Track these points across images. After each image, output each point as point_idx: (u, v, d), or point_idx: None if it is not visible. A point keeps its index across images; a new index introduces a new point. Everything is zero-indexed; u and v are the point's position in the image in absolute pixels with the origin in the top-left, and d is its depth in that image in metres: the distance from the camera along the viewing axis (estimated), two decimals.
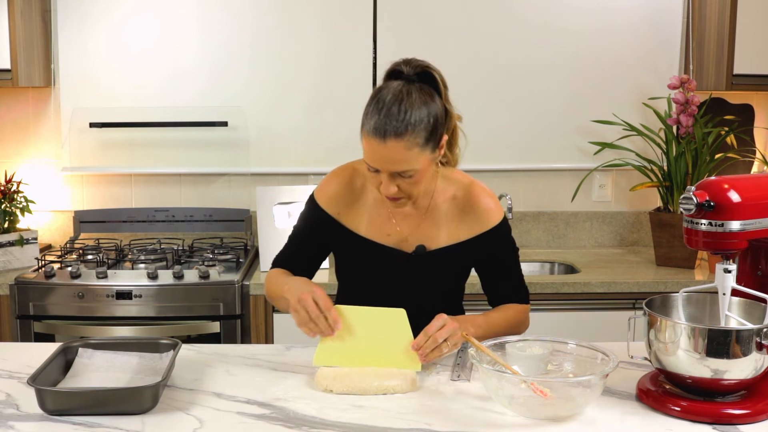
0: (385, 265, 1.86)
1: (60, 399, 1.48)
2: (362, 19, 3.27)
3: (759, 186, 1.52)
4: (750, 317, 1.57)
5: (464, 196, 1.87)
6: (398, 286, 1.87)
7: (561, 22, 3.33)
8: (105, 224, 3.29)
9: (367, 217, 1.87)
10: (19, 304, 2.78)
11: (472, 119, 3.33)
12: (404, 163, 1.67)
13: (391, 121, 1.64)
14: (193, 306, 2.78)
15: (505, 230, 1.88)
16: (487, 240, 1.86)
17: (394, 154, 1.65)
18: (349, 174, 1.90)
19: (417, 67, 1.73)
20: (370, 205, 1.88)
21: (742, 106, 3.36)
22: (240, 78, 3.30)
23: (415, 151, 1.66)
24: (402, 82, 1.70)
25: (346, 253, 1.91)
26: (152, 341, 1.75)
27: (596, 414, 1.50)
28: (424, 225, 1.86)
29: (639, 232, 3.48)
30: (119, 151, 3.32)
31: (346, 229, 1.88)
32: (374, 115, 1.66)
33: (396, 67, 1.74)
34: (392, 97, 1.66)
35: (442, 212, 1.86)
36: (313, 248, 1.92)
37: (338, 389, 1.59)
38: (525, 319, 1.93)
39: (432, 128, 1.68)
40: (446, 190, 1.88)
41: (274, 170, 3.33)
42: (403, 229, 1.86)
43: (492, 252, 1.88)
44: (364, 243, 1.86)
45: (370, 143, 1.67)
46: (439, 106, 1.72)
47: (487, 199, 1.87)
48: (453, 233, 1.86)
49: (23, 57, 3.05)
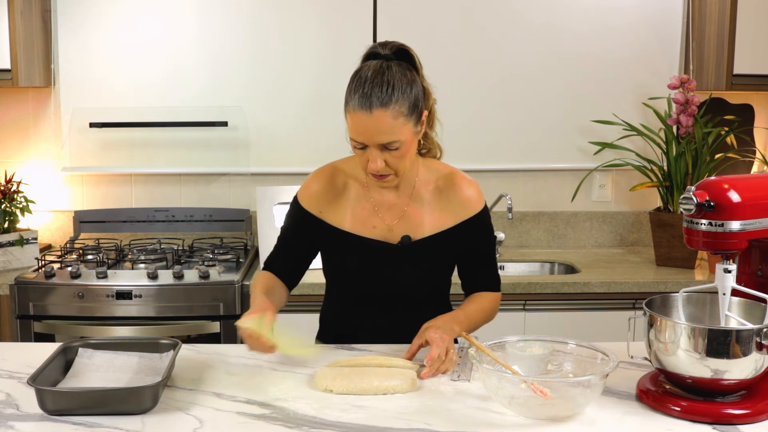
0: (372, 257, 1.87)
1: (60, 399, 1.48)
2: (362, 19, 3.27)
3: (759, 186, 1.51)
4: (750, 317, 1.57)
5: (446, 184, 1.89)
6: (385, 277, 1.88)
7: (561, 22, 3.34)
8: (105, 224, 3.29)
9: (351, 212, 1.89)
10: (19, 304, 2.78)
11: (472, 119, 3.39)
12: (391, 133, 1.69)
13: (375, 92, 1.68)
14: (193, 306, 2.78)
15: (486, 218, 1.91)
16: (470, 227, 1.88)
17: (381, 124, 1.68)
18: (329, 172, 1.92)
19: (393, 47, 1.77)
20: (352, 200, 1.90)
21: (742, 106, 3.36)
22: (240, 78, 3.30)
23: (401, 120, 1.70)
24: (380, 60, 1.74)
25: (332, 249, 1.92)
26: (152, 341, 1.75)
27: (596, 414, 1.50)
28: (408, 215, 1.88)
29: (639, 232, 3.48)
30: (119, 151, 3.32)
31: (330, 226, 1.89)
32: (358, 90, 1.69)
33: (373, 49, 1.78)
34: (373, 72, 1.70)
35: (425, 201, 1.88)
36: (299, 248, 1.94)
37: (338, 389, 1.59)
38: (497, 308, 1.97)
39: (414, 99, 1.72)
40: (428, 179, 1.90)
41: (274, 170, 3.33)
42: (387, 219, 1.88)
43: (473, 239, 1.90)
44: (350, 238, 1.88)
45: (356, 117, 1.69)
46: (419, 81, 1.76)
47: (469, 187, 1.89)
48: (437, 222, 1.87)
49: (23, 57, 3.05)
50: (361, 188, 1.89)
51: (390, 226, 1.87)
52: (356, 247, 1.87)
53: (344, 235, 1.88)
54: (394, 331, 1.88)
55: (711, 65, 3.24)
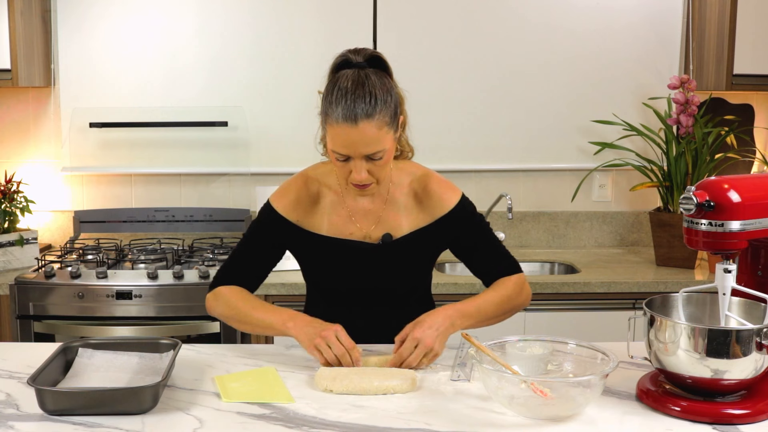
0: (354, 258, 1.87)
1: (60, 399, 1.48)
2: (362, 19, 3.27)
3: (759, 186, 1.51)
4: (750, 317, 1.57)
5: (420, 186, 1.89)
6: (367, 277, 1.88)
7: (561, 22, 3.34)
8: (105, 224, 3.29)
9: (327, 220, 1.88)
10: (19, 304, 2.78)
11: (472, 119, 3.39)
12: (376, 144, 1.69)
13: (359, 103, 1.66)
14: (193, 306, 2.78)
15: (466, 210, 1.89)
16: (448, 223, 1.87)
17: (366, 135, 1.68)
18: (302, 181, 1.91)
19: (366, 55, 1.76)
20: (327, 208, 1.89)
21: (742, 106, 3.36)
22: (240, 78, 3.30)
23: (384, 130, 1.70)
24: (355, 69, 1.73)
25: (311, 255, 1.91)
26: (152, 341, 1.75)
27: (596, 414, 1.50)
28: (384, 219, 1.88)
29: (639, 232, 3.48)
30: (119, 151, 3.32)
31: (308, 233, 1.88)
32: (340, 102, 1.68)
33: (344, 58, 1.77)
34: (353, 83, 1.69)
35: (401, 204, 1.88)
36: (266, 253, 1.90)
37: (338, 389, 1.59)
38: (521, 290, 1.89)
39: (394, 107, 1.73)
40: (401, 182, 1.89)
41: (274, 170, 3.33)
42: (364, 226, 1.88)
43: (458, 233, 1.89)
44: (329, 241, 1.87)
45: (340, 130, 1.68)
46: (394, 87, 1.76)
47: (442, 185, 1.89)
48: (413, 222, 1.88)
49: (23, 57, 3.05)
50: (335, 196, 1.89)
51: (367, 232, 1.87)
52: (337, 249, 1.87)
53: (323, 239, 1.87)
54: (376, 330, 1.87)
55: (711, 65, 3.24)
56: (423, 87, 3.22)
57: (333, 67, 1.78)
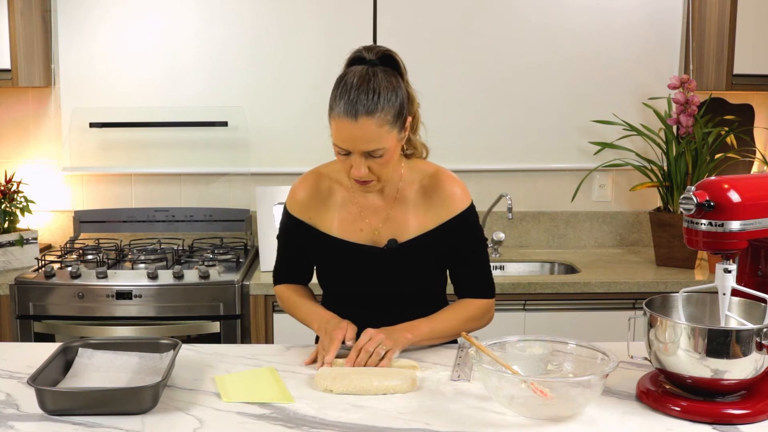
0: (360, 262, 1.88)
1: (60, 399, 1.48)
2: (362, 19, 3.27)
3: (759, 186, 1.51)
4: (750, 317, 1.57)
5: (431, 183, 1.89)
6: (375, 281, 1.88)
7: (561, 22, 3.34)
8: (105, 224, 3.29)
9: (338, 217, 1.89)
10: (19, 304, 2.78)
11: (472, 119, 3.39)
12: (375, 141, 1.69)
13: (361, 99, 1.67)
14: (193, 306, 2.78)
15: (471, 218, 1.89)
16: (452, 228, 1.87)
17: (366, 132, 1.68)
18: (314, 178, 1.93)
19: (379, 53, 1.77)
20: (338, 205, 1.90)
21: (742, 106, 3.36)
22: (240, 78, 3.30)
23: (386, 128, 1.70)
24: (365, 66, 1.74)
25: (322, 255, 1.93)
26: (152, 341, 1.75)
27: (596, 414, 1.50)
28: (393, 217, 1.88)
29: (639, 232, 3.48)
30: (119, 151, 3.32)
31: (319, 233, 1.90)
32: (343, 97, 1.69)
33: (358, 54, 1.78)
34: (359, 79, 1.70)
35: (410, 201, 1.88)
36: (299, 254, 1.97)
37: (338, 389, 1.59)
38: (483, 315, 1.91)
39: (399, 107, 1.72)
40: (412, 179, 1.89)
41: (274, 170, 3.33)
42: (373, 223, 1.88)
43: (455, 239, 1.88)
44: (338, 243, 1.89)
45: (341, 124, 1.69)
46: (403, 87, 1.76)
47: (454, 185, 1.88)
48: (421, 222, 1.87)
49: (23, 57, 3.05)
50: (346, 192, 1.90)
51: (376, 229, 1.88)
52: (344, 252, 1.88)
53: (333, 241, 1.89)
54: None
55: (711, 65, 3.24)
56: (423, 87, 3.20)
57: (347, 63, 1.80)
